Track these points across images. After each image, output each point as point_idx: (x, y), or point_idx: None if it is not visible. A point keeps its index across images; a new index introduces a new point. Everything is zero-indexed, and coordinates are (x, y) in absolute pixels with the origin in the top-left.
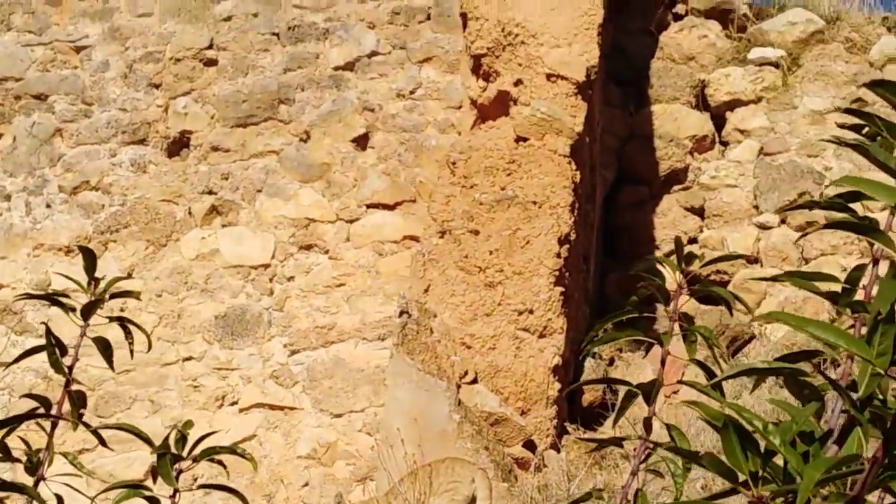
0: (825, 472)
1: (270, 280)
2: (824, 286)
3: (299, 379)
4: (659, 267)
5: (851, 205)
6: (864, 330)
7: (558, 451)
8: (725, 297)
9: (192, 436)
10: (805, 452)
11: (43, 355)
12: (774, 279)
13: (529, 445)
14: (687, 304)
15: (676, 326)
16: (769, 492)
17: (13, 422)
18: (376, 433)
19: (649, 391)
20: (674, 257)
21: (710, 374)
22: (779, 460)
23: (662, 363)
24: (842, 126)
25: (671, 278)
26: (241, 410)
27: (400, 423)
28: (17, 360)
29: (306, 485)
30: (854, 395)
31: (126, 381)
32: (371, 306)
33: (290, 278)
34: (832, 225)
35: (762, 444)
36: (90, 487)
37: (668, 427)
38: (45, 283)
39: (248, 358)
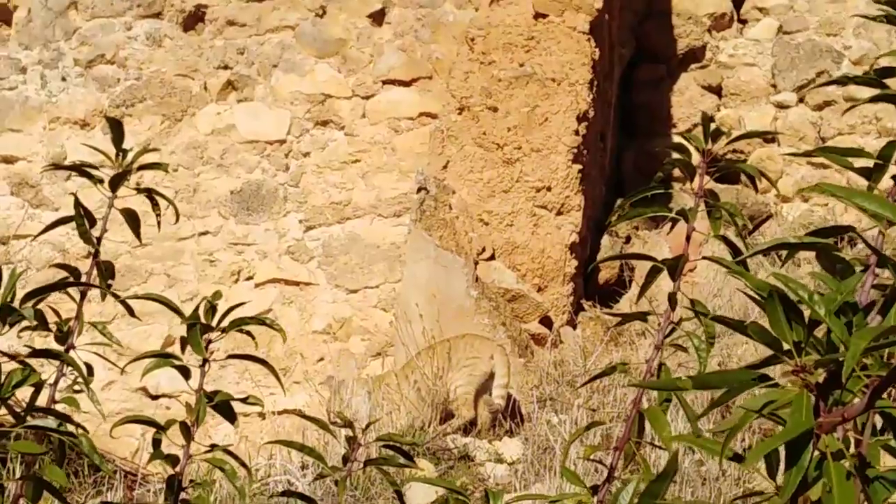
0: (871, 340)
1: (286, 156)
2: (856, 162)
3: (315, 254)
4: (682, 143)
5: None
6: None
7: (574, 327)
8: (751, 172)
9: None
10: (848, 323)
11: (60, 229)
12: (807, 154)
13: (546, 322)
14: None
15: (699, 203)
16: (812, 361)
17: (48, 290)
18: (391, 309)
19: (674, 266)
20: (699, 133)
21: (733, 250)
22: (821, 333)
23: (688, 239)
24: (876, 0)
25: (692, 156)
26: (256, 285)
27: (417, 298)
28: (47, 230)
29: (321, 359)
30: None
31: (142, 255)
32: (387, 183)
33: (306, 154)
34: (875, 98)
35: (806, 315)
36: (104, 354)
37: (692, 302)
38: (60, 157)
39: (263, 233)
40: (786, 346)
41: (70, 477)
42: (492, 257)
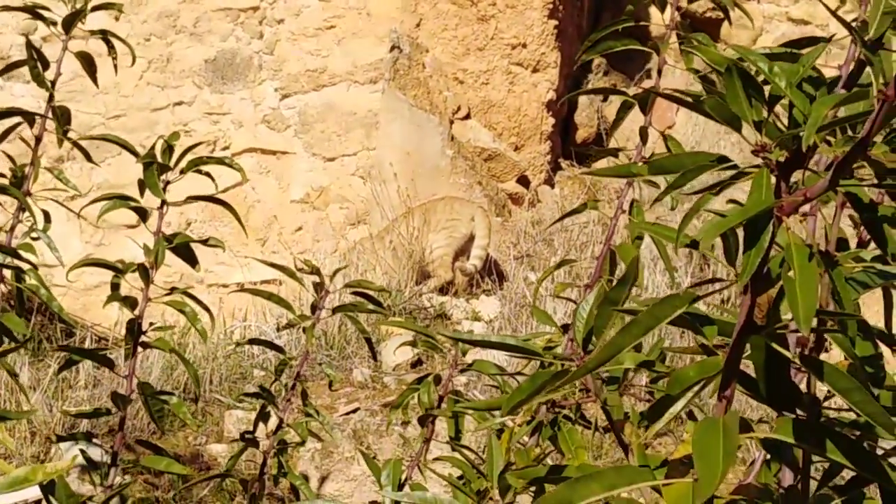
0: (834, 107)
1: (260, 23)
2: None
3: (291, 123)
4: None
5: None
6: None
7: (552, 186)
8: (725, 2)
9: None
10: (812, 97)
11: (32, 103)
12: None
13: (523, 181)
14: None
15: (674, 36)
16: (774, 138)
17: None
18: (369, 176)
19: (645, 100)
20: None
21: (708, 84)
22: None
23: (659, 72)
24: None
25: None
26: (233, 155)
27: (392, 158)
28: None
29: (300, 229)
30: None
31: (116, 126)
32: (363, 49)
33: (280, 21)
34: None
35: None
36: (83, 233)
37: (664, 136)
38: (31, 28)
39: (239, 102)
40: (745, 126)
41: (42, 343)
42: (467, 116)
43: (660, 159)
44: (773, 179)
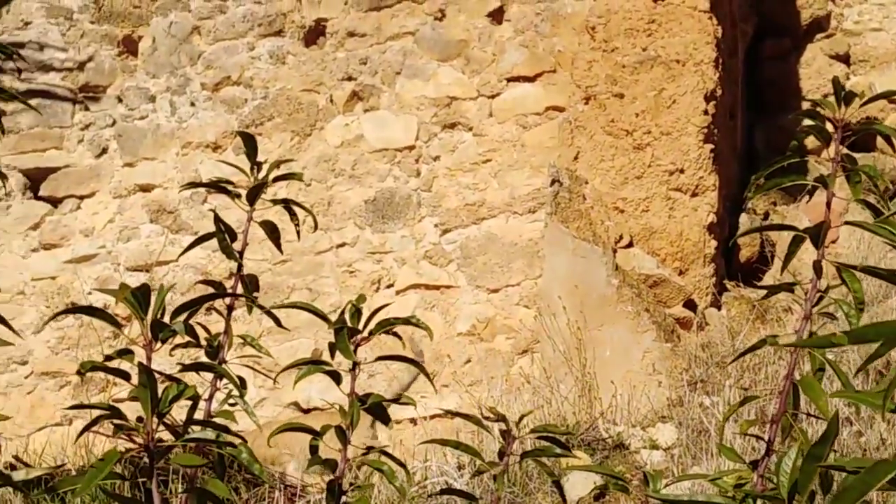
0: None
1: (416, 161)
2: None
3: (453, 257)
4: (814, 109)
5: None
6: None
7: (719, 308)
8: (888, 132)
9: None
10: None
11: (200, 253)
12: None
13: (690, 305)
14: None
15: (837, 168)
16: None
17: (196, 304)
18: (533, 305)
19: (817, 234)
20: (832, 98)
21: (876, 213)
22: None
23: (828, 205)
24: None
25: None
26: (397, 293)
27: (559, 291)
28: (189, 248)
29: (468, 361)
30: None
31: (283, 271)
32: (519, 179)
33: (436, 158)
34: None
35: None
36: (257, 377)
37: (839, 268)
38: (195, 181)
39: (400, 240)
40: None
41: (230, 493)
42: (630, 244)
43: (860, 329)
44: None
